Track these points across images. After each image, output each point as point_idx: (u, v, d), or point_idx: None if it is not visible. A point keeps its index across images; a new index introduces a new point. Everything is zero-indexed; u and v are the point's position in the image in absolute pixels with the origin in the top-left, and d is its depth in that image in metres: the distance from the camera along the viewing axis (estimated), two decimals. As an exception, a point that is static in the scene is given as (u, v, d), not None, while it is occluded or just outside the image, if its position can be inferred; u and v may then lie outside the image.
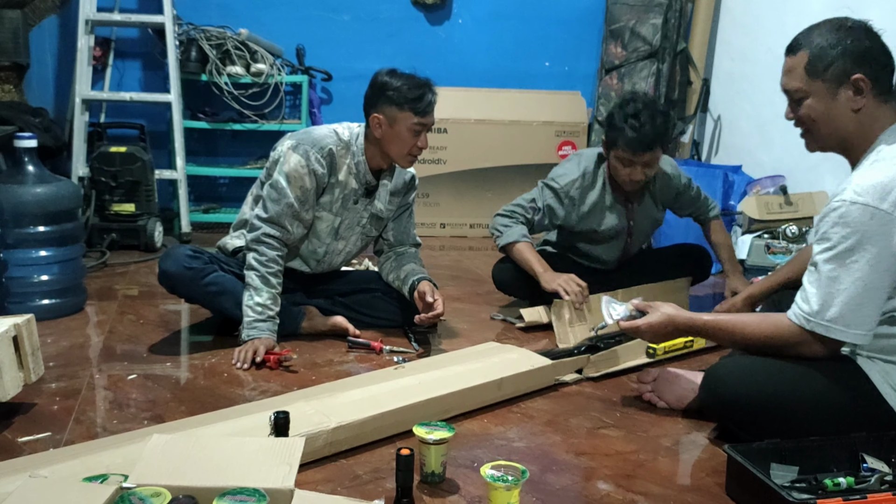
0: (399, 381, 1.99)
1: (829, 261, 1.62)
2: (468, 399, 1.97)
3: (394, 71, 2.39)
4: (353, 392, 1.91)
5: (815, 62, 1.70)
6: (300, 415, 1.69)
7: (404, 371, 2.10)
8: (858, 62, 1.67)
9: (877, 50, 1.69)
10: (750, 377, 1.75)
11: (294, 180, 2.36)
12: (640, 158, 2.56)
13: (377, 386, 1.96)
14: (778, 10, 3.77)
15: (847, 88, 1.68)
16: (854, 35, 1.69)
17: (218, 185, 4.48)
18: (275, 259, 2.36)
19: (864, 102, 1.68)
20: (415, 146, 2.39)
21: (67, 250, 2.69)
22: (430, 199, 4.33)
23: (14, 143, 2.62)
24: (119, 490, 1.26)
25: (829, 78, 1.69)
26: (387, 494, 1.53)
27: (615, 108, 2.61)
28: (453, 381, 1.98)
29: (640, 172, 2.60)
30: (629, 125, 2.51)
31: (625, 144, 2.53)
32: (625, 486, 1.63)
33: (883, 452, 1.64)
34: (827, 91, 1.70)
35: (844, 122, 1.70)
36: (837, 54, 1.68)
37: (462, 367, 2.12)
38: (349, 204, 2.49)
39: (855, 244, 1.59)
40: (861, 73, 1.67)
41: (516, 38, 4.56)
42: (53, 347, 2.37)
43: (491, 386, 2.01)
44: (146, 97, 4.02)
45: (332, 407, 1.79)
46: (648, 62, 4.18)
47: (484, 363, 2.14)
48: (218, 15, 4.18)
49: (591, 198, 2.75)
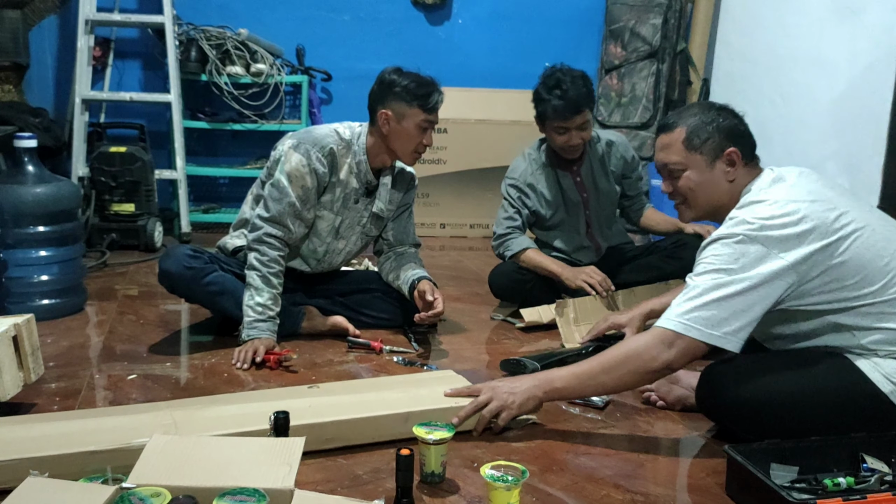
0: (291, 402, 1.74)
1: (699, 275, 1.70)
2: (357, 430, 1.72)
3: (400, 69, 2.42)
4: (227, 407, 1.77)
5: (692, 137, 1.84)
6: (153, 422, 1.63)
7: (317, 391, 1.90)
8: (730, 137, 1.83)
9: (742, 127, 1.87)
10: (744, 377, 1.77)
11: (295, 179, 2.36)
12: (573, 122, 2.68)
13: (257, 404, 1.78)
14: (778, 10, 3.77)
15: (722, 161, 1.82)
16: (723, 115, 1.85)
17: (218, 185, 4.48)
18: (276, 259, 2.35)
19: (737, 173, 1.83)
20: (420, 143, 2.40)
21: (67, 250, 2.69)
22: (430, 199, 4.33)
23: (14, 143, 2.62)
24: (119, 490, 1.26)
25: (706, 151, 1.83)
26: (387, 494, 1.53)
27: (539, 85, 2.74)
28: (349, 409, 1.75)
29: (577, 136, 2.71)
30: (553, 95, 2.65)
31: (554, 113, 2.66)
32: (625, 486, 1.63)
33: (883, 452, 1.64)
34: (705, 163, 1.83)
35: (720, 191, 1.84)
36: (712, 130, 1.83)
37: (378, 395, 1.88)
38: (350, 203, 2.49)
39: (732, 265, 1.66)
40: (733, 146, 1.82)
41: (516, 38, 4.56)
42: (53, 347, 2.37)
43: (394, 419, 1.75)
44: (146, 97, 4.02)
45: (190, 420, 1.67)
46: (648, 62, 4.18)
47: (408, 393, 1.89)
48: (218, 15, 4.19)
49: (545, 179, 2.87)
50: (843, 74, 3.29)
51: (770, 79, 3.73)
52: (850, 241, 1.66)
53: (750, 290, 1.65)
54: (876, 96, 3.08)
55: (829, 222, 1.66)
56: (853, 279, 1.67)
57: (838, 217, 1.68)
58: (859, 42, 3.23)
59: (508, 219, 2.85)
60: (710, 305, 1.65)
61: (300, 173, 2.36)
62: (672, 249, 2.91)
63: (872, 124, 3.07)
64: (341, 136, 2.45)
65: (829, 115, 3.30)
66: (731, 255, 1.66)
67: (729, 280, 1.65)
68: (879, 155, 3.02)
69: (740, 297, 1.65)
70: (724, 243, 1.69)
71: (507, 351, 2.50)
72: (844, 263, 1.66)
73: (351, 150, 2.45)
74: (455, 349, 2.50)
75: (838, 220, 1.68)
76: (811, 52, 3.46)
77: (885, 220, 1.79)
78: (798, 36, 3.58)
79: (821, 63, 3.40)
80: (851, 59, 3.26)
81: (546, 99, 2.67)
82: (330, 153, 2.40)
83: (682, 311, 1.68)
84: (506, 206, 2.88)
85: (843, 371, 1.70)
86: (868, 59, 3.17)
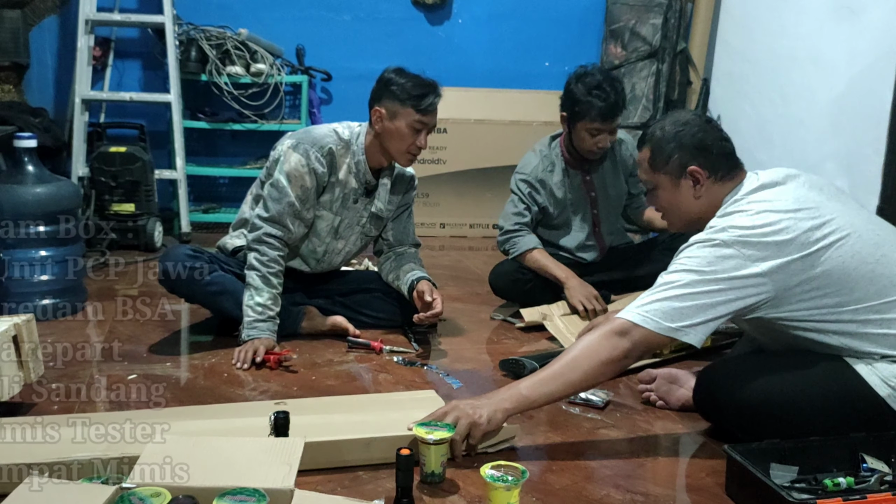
0: (251, 420, 1.72)
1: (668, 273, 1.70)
2: (314, 454, 1.55)
3: (402, 70, 2.40)
4: (184, 423, 1.70)
5: (655, 156, 1.83)
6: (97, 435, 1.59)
7: (284, 407, 1.74)
8: (694, 154, 1.79)
9: (711, 140, 1.81)
10: (742, 378, 1.76)
11: (295, 179, 2.36)
12: (609, 125, 2.68)
13: (219, 421, 1.75)
14: (778, 10, 3.77)
15: (686, 179, 1.81)
16: (690, 129, 1.81)
17: (218, 185, 4.48)
18: (276, 259, 2.35)
19: (703, 190, 1.80)
20: (413, 144, 2.38)
21: (67, 250, 2.69)
22: (430, 199, 4.33)
23: (14, 142, 2.62)
24: (119, 490, 1.26)
25: (669, 171, 1.82)
26: (387, 494, 1.53)
27: (573, 83, 2.70)
28: (308, 431, 1.62)
29: (607, 139, 2.72)
30: (595, 96, 2.63)
31: (597, 115, 2.64)
32: (625, 486, 1.63)
33: (882, 452, 1.64)
34: (670, 182, 1.83)
35: (690, 208, 1.83)
36: (673, 148, 1.80)
37: (345, 417, 1.80)
38: (349, 203, 2.49)
39: (704, 267, 1.65)
40: (696, 164, 1.79)
41: (516, 38, 4.55)
42: (53, 347, 2.36)
43: (355, 444, 1.65)
44: (146, 97, 4.02)
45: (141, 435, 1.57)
46: (648, 62, 4.18)
47: (377, 416, 1.80)
48: (218, 15, 4.18)
49: (556, 176, 2.85)
50: (842, 74, 3.29)
51: (770, 79, 3.72)
52: (831, 250, 1.65)
53: (717, 292, 1.64)
54: (875, 96, 3.07)
55: (810, 232, 1.65)
56: (835, 287, 1.66)
57: (822, 225, 1.66)
58: (859, 42, 3.23)
59: (517, 214, 2.84)
60: (672, 300, 1.65)
61: (299, 173, 2.36)
62: (669, 242, 2.91)
63: (872, 124, 3.06)
64: (340, 136, 2.45)
65: (829, 115, 3.30)
66: (705, 258, 1.66)
67: (698, 279, 1.65)
68: (879, 155, 3.01)
69: (705, 295, 1.64)
70: (701, 247, 1.69)
71: (508, 351, 2.50)
72: (827, 273, 1.65)
73: (350, 149, 2.45)
74: (455, 349, 2.50)
75: (821, 228, 1.66)
76: (811, 52, 3.46)
77: (875, 224, 1.77)
78: (798, 36, 3.58)
79: (820, 63, 3.40)
80: (851, 59, 3.26)
81: (587, 100, 2.64)
82: (329, 153, 2.40)
83: (643, 303, 1.68)
84: (515, 200, 2.86)
85: (840, 374, 1.70)
86: (868, 59, 3.17)
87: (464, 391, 2.13)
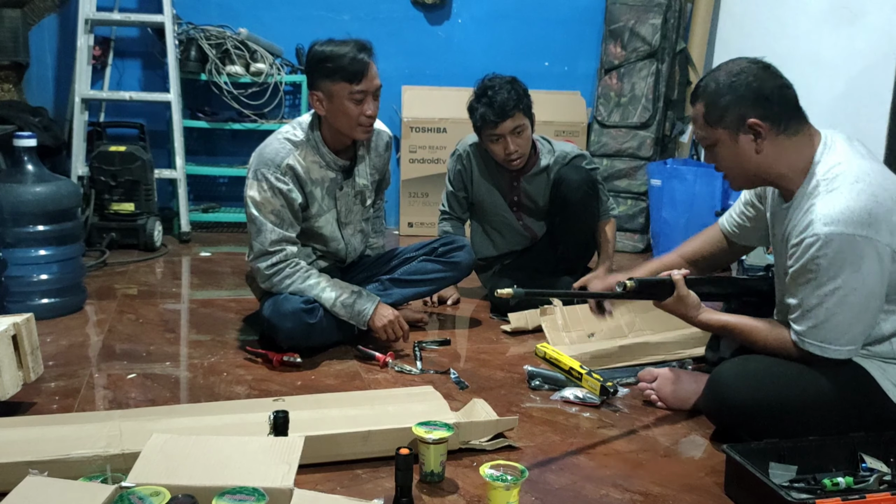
0: (249, 416, 1.75)
1: (815, 291, 1.64)
2: (312, 448, 1.55)
3: (324, 42, 2.28)
4: (180, 420, 1.72)
5: (710, 111, 1.72)
6: (98, 433, 1.61)
7: (281, 405, 1.79)
8: (752, 106, 1.67)
9: (770, 88, 1.69)
10: (755, 381, 1.74)
11: (263, 206, 2.28)
12: (504, 128, 2.65)
13: (214, 417, 1.75)
14: (777, 11, 3.77)
15: (745, 133, 1.69)
16: (745, 78, 1.68)
17: (217, 184, 4.48)
18: (303, 267, 2.33)
19: (765, 144, 1.69)
20: (362, 115, 2.27)
21: (67, 249, 2.69)
22: (429, 198, 4.32)
23: (13, 142, 2.61)
24: (118, 489, 1.26)
25: (727, 125, 1.70)
26: (386, 494, 1.53)
27: (471, 98, 2.73)
28: (306, 426, 1.65)
29: (512, 143, 2.68)
30: (482, 103, 2.65)
31: (483, 119, 2.65)
32: (624, 486, 1.63)
33: (882, 452, 1.65)
34: (728, 137, 1.71)
35: (752, 164, 1.72)
36: (730, 100, 1.68)
37: (342, 411, 1.82)
38: (336, 193, 2.44)
39: (838, 272, 1.60)
40: (755, 116, 1.67)
41: (516, 38, 4.55)
42: (53, 347, 2.37)
43: (353, 438, 1.66)
44: (146, 96, 4.02)
45: (138, 432, 1.60)
46: (648, 62, 4.18)
47: (374, 410, 1.83)
48: (218, 14, 4.18)
49: (482, 166, 2.87)
50: (841, 75, 3.30)
51: (769, 79, 3.73)
52: None
53: (861, 290, 1.61)
54: (875, 96, 3.08)
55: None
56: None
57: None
58: (858, 42, 3.23)
59: (449, 203, 2.96)
60: (827, 322, 1.65)
61: (265, 198, 2.28)
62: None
63: (871, 124, 3.07)
64: (294, 142, 2.34)
65: (828, 115, 3.30)
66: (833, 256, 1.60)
67: (839, 286, 1.61)
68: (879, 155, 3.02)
69: (854, 300, 1.62)
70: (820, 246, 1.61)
71: (507, 351, 2.50)
72: None
73: (309, 145, 2.35)
74: (455, 349, 2.50)
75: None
76: (810, 53, 3.46)
77: None
78: (797, 36, 3.58)
79: (820, 63, 3.40)
80: (850, 59, 3.27)
81: (476, 108, 2.67)
82: (288, 169, 2.30)
83: (801, 329, 1.69)
84: (446, 184, 2.95)
85: (852, 377, 1.69)
86: (867, 59, 3.18)
87: (468, 392, 2.13)
